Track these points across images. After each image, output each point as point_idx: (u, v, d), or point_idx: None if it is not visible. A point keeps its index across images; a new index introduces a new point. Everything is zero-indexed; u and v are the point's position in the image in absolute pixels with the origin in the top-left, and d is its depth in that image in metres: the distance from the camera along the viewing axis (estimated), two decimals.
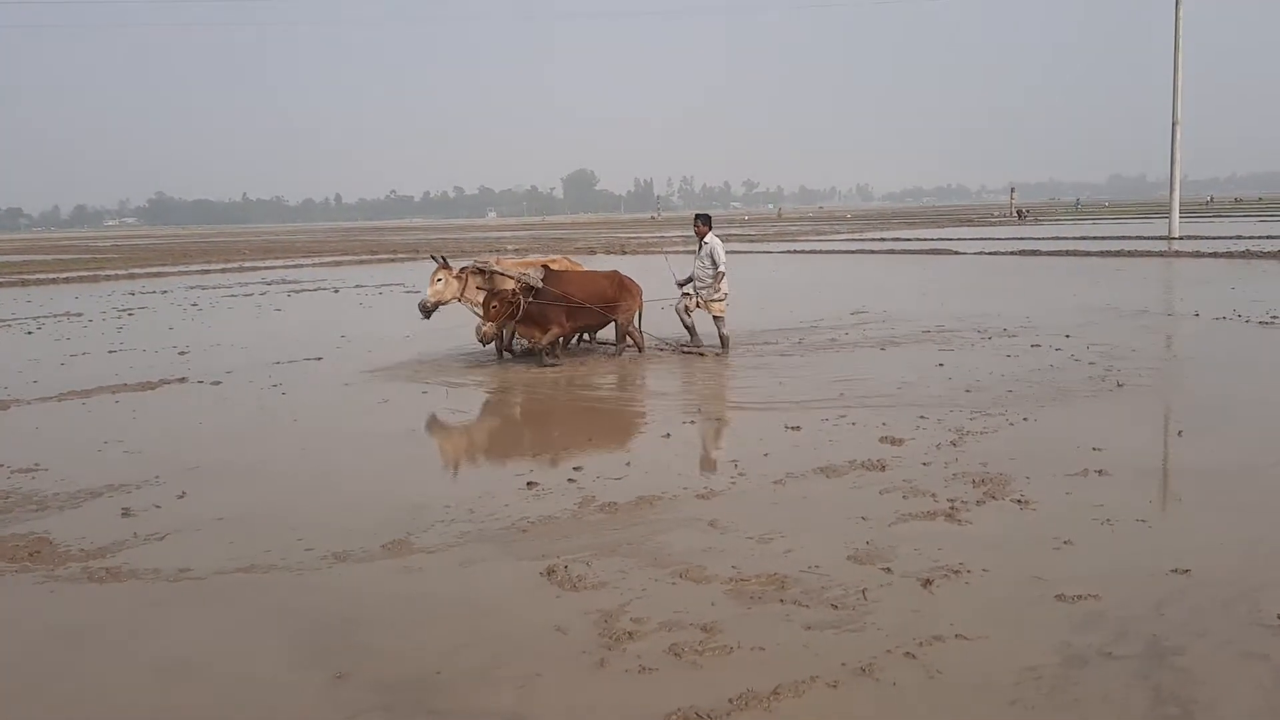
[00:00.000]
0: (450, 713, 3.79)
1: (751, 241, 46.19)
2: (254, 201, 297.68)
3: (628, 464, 7.26)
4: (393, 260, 38.89)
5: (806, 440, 7.78)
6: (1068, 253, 29.17)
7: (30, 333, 16.82)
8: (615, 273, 12.68)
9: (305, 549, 5.65)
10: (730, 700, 3.78)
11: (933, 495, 6.23)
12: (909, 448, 7.40)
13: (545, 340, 11.65)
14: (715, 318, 12.59)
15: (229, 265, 37.64)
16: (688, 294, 12.71)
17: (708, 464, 7.36)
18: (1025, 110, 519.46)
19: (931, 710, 3.71)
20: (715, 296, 12.51)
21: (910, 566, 5.07)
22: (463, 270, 12.01)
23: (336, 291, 23.99)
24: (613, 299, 12.19)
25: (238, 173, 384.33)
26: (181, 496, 6.74)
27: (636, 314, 12.50)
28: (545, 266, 12.01)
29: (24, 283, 30.02)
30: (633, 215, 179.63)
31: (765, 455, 7.35)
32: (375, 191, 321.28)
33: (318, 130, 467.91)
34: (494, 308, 11.31)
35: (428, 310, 11.95)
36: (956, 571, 4.98)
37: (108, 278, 32.56)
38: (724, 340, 12.55)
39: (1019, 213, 67.13)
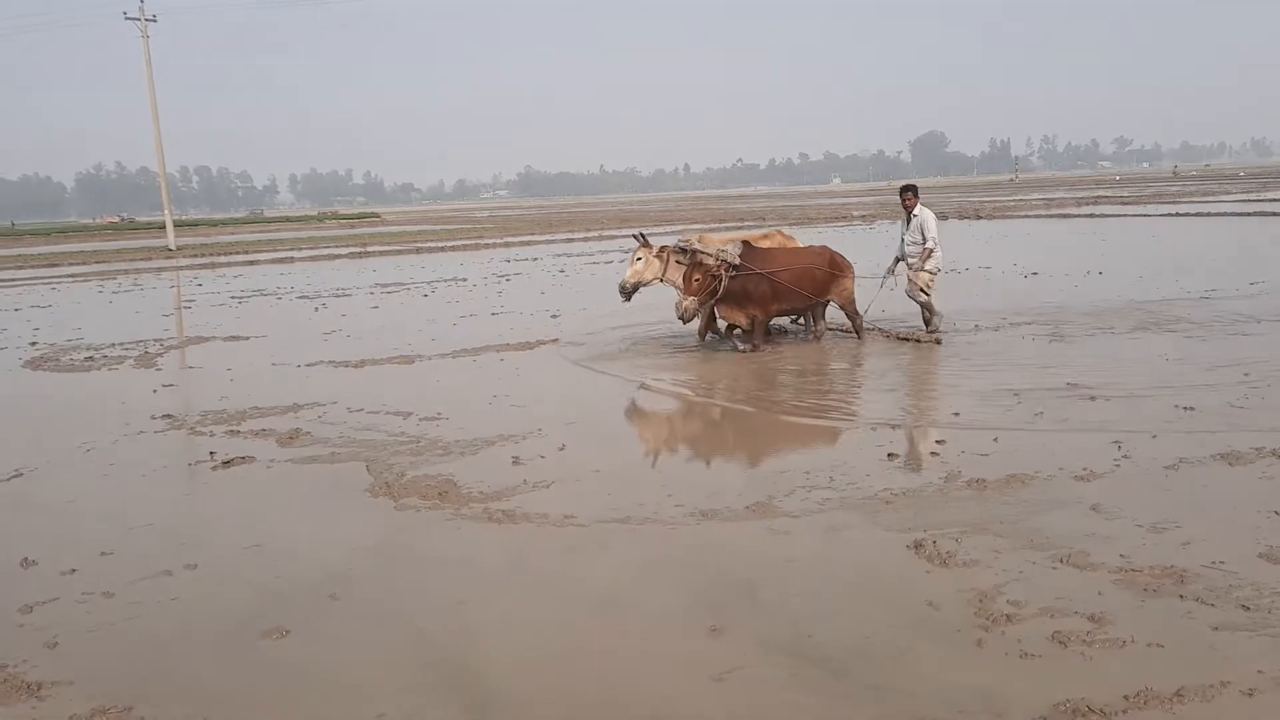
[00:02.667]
0: (824, 684, 3.81)
1: (1124, 204, 42.47)
2: (610, 173, 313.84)
3: (995, 439, 6.93)
4: (739, 227, 39.49)
5: (1202, 423, 7.05)
6: None
7: (426, 295, 18.78)
8: (826, 249, 11.71)
9: (675, 505, 5.90)
10: (1126, 698, 3.52)
11: None
12: None
13: (755, 328, 10.89)
14: (919, 288, 11.46)
15: (589, 234, 39.96)
16: (895, 273, 11.80)
17: (1084, 443, 6.84)
18: None
19: None
20: (926, 268, 11.39)
21: None
22: (663, 249, 11.19)
23: None
24: (823, 279, 11.24)
25: (596, 146, 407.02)
26: (562, 449, 7.26)
27: (853, 294, 11.52)
28: (745, 242, 11.19)
29: (418, 250, 33.70)
30: (986, 178, 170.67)
31: (1153, 437, 6.75)
32: (722, 160, 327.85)
33: (667, 103, 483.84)
34: (696, 281, 10.59)
35: (628, 292, 11.22)
36: None
37: (486, 246, 35.71)
38: (927, 320, 11.53)
39: None
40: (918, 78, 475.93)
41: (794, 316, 12.32)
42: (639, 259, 11.15)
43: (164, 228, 46.16)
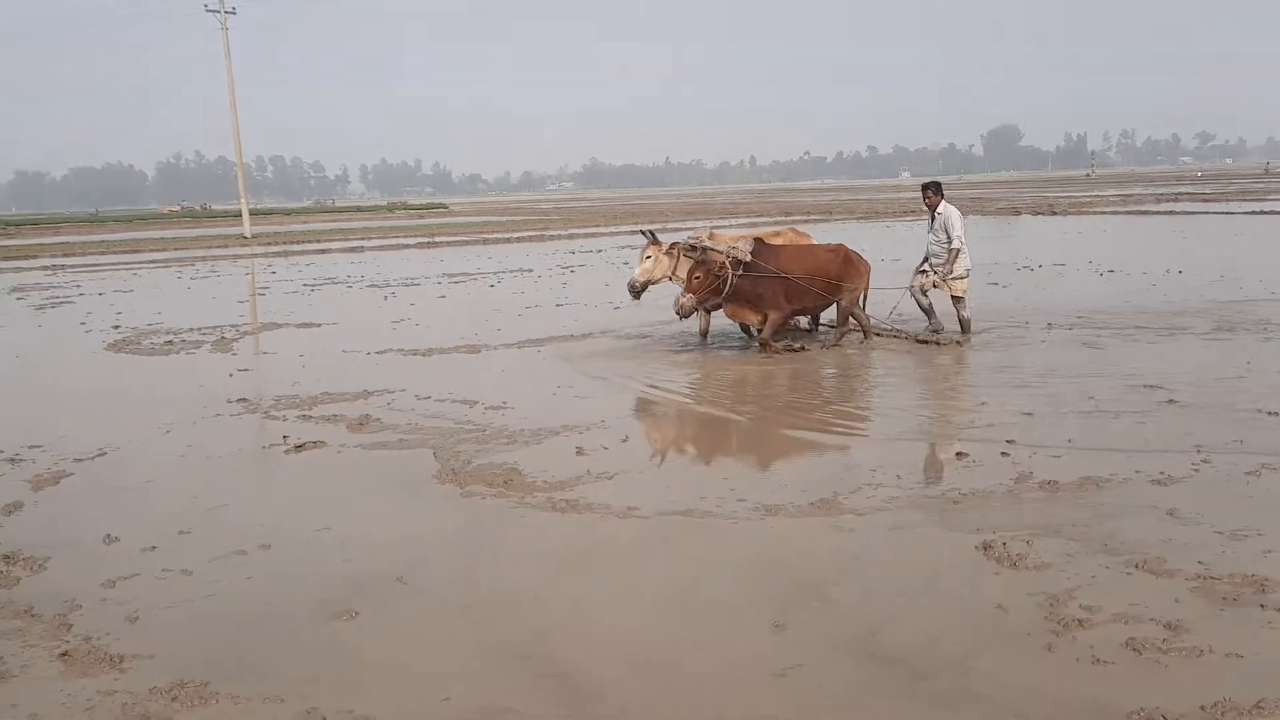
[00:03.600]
0: (888, 684, 3.78)
1: (1206, 201, 41.30)
2: (674, 165, 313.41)
3: (1069, 440, 6.80)
4: (806, 220, 39.18)
5: None
6: None
7: (492, 286, 18.96)
8: (841, 246, 11.27)
9: (738, 499, 5.89)
10: (1203, 708, 3.43)
11: None
12: None
13: (768, 329, 10.49)
14: (955, 298, 11.10)
15: (653, 225, 39.92)
16: (924, 271, 11.29)
17: (1162, 447, 6.67)
18: None
19: None
20: (955, 274, 10.99)
21: None
22: (673, 246, 10.87)
23: None
24: (836, 277, 10.76)
25: (661, 138, 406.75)
26: (625, 440, 7.29)
27: (861, 295, 11.09)
28: (757, 239, 10.83)
29: (484, 241, 34.03)
30: (1061, 172, 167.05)
31: (1238, 441, 6.56)
32: (789, 153, 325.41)
33: (733, 95, 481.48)
34: (696, 279, 10.24)
35: (637, 290, 10.93)
36: None
37: (551, 237, 35.92)
38: (964, 324, 11.14)
39: None
40: (992, 70, 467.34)
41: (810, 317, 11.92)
42: (649, 257, 10.93)
43: (240, 216, 47.20)
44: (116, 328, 14.57)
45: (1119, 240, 25.05)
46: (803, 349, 10.65)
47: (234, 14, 44.24)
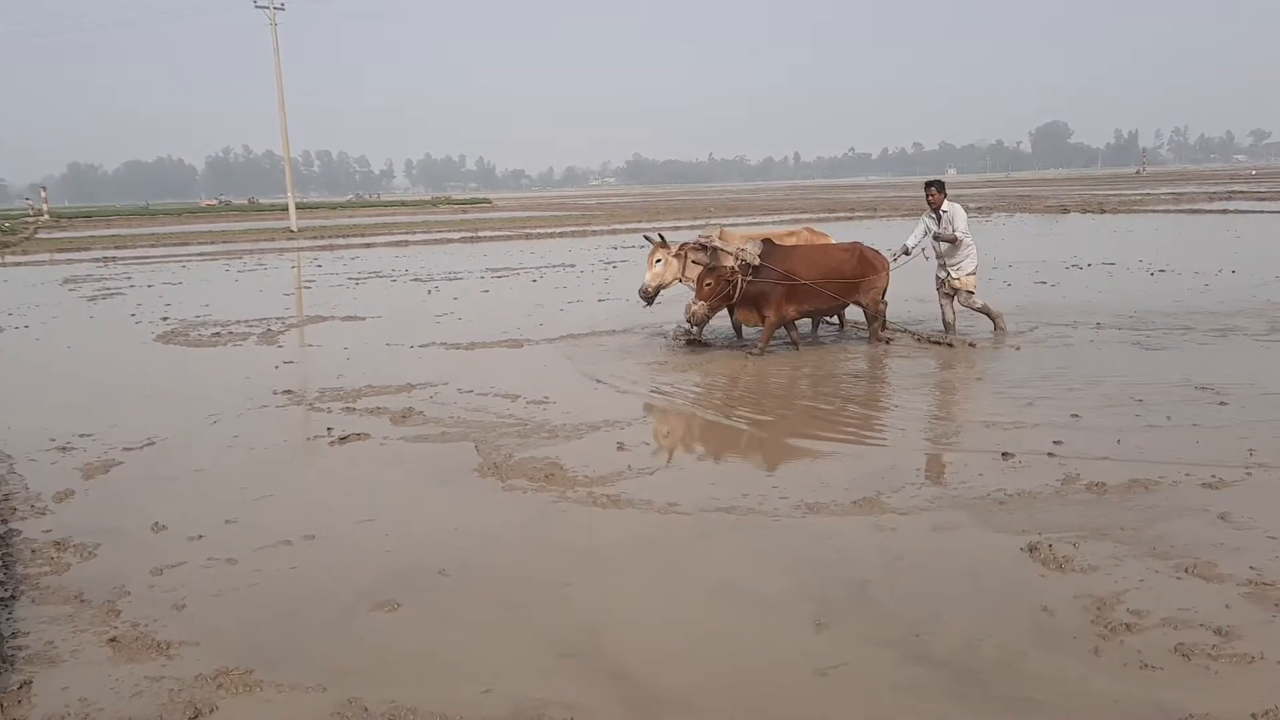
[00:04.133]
0: (931, 685, 3.74)
1: (1260, 199, 40.46)
2: (718, 161, 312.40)
3: (1117, 441, 6.69)
4: (849, 218, 38.93)
5: None
6: None
7: (534, 280, 19.02)
8: (856, 245, 10.98)
9: (780, 496, 5.86)
10: (1253, 716, 3.36)
11: None
12: None
13: (766, 330, 10.30)
14: (966, 293, 10.90)
15: (695, 222, 39.83)
16: (946, 278, 10.98)
17: (1214, 449, 6.53)
18: None
19: None
20: (967, 270, 10.82)
21: None
22: (683, 247, 10.60)
23: None
24: (852, 276, 10.47)
25: (704, 134, 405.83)
26: (666, 435, 7.27)
27: (883, 292, 10.82)
28: (767, 240, 10.55)
29: (527, 236, 34.16)
30: (1111, 170, 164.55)
31: None
32: (833, 149, 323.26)
33: (777, 91, 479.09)
34: (708, 285, 10.04)
35: (649, 296, 10.74)
36: None
37: (593, 232, 35.97)
38: (989, 313, 11.00)
39: None
40: (1040, 65, 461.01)
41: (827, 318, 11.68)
42: (658, 260, 10.72)
43: (286, 209, 47.75)
44: (165, 319, 14.81)
45: (1170, 239, 24.62)
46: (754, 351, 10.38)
47: (283, 9, 44.75)
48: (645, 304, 11.00)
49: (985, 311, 11.09)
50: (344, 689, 3.76)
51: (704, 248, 10.27)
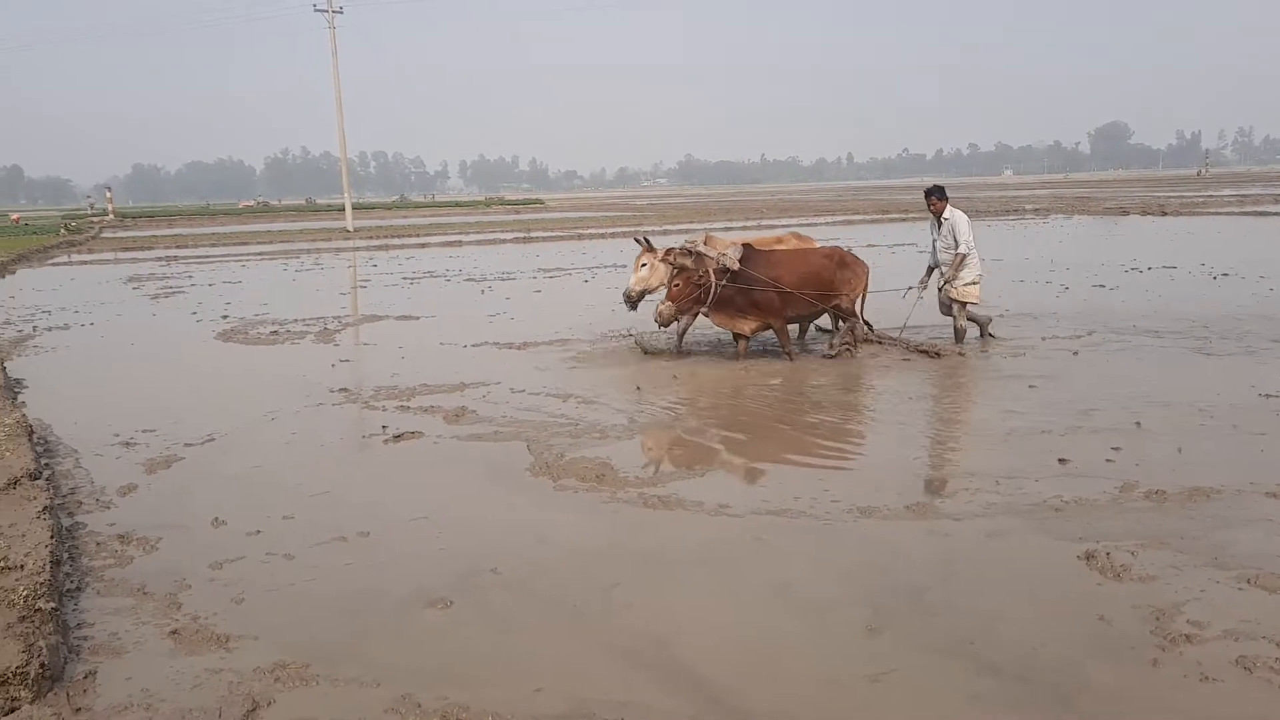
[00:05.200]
0: (985, 693, 3.70)
1: None
2: (770, 162, 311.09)
3: (1178, 449, 6.56)
4: (903, 219, 38.56)
5: None
6: None
7: (586, 281, 19.09)
8: (837, 249, 10.76)
9: (832, 500, 5.83)
10: None
11: None
12: None
13: (780, 335, 10.27)
14: (960, 304, 10.66)
15: (748, 223, 39.71)
16: (943, 286, 10.80)
17: (1277, 458, 6.39)
18: None
19: None
20: (965, 280, 10.57)
21: None
22: (669, 252, 10.35)
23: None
24: (830, 281, 10.26)
25: (757, 134, 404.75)
26: (717, 438, 7.27)
27: (860, 298, 10.58)
28: (746, 245, 10.27)
29: (579, 237, 34.28)
30: (1172, 171, 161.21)
31: None
32: (887, 150, 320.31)
33: (831, 91, 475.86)
34: (675, 287, 9.91)
35: (633, 300, 10.66)
36: None
37: (646, 233, 35.94)
38: (959, 333, 10.69)
39: None
40: (1100, 64, 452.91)
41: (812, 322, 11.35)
42: (644, 264, 10.62)
43: (342, 210, 48.42)
44: (225, 317, 15.10)
45: (1234, 242, 24.04)
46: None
47: (341, 13, 45.39)
48: (629, 308, 10.89)
49: (958, 330, 10.77)
50: (398, 685, 3.81)
51: (690, 253, 10.09)
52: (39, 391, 9.73)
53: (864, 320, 10.87)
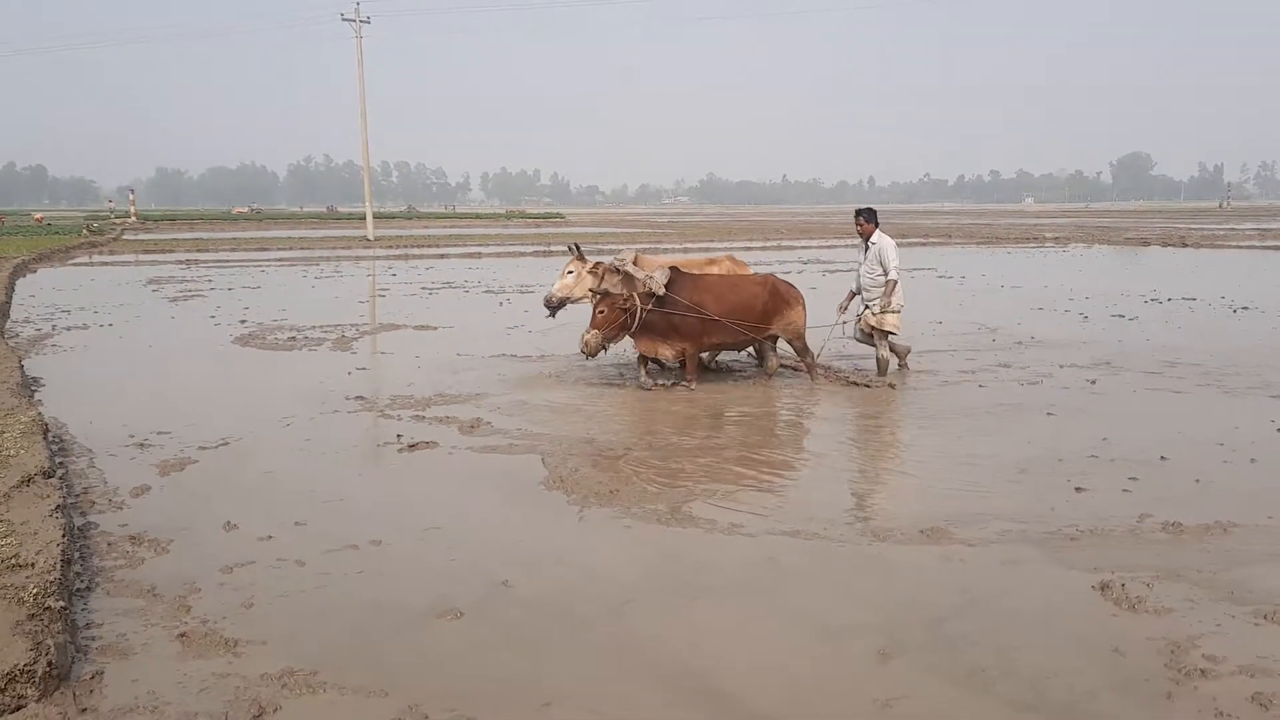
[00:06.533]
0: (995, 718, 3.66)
1: None
2: (792, 183, 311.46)
3: (1196, 480, 6.50)
4: (923, 244, 38.50)
5: None
6: None
7: None
8: (769, 277, 10.46)
9: (845, 522, 5.79)
10: None
11: None
12: None
13: (688, 363, 9.83)
14: (881, 333, 10.31)
15: (768, 244, 39.76)
16: (862, 312, 10.45)
17: None
18: None
19: None
20: (891, 308, 10.22)
21: None
22: (598, 265, 10.07)
23: None
24: (762, 312, 9.93)
25: (779, 155, 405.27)
26: (734, 456, 7.24)
27: (803, 328, 10.21)
28: (674, 268, 9.99)
29: (600, 252, 34.27)
30: (1193, 203, 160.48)
31: None
32: (908, 174, 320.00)
33: (853, 115, 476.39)
34: (601, 314, 9.53)
35: (553, 306, 10.49)
36: None
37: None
38: (881, 364, 10.30)
39: None
40: (1123, 94, 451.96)
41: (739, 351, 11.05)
42: (570, 272, 10.43)
43: (364, 218, 48.72)
44: (243, 322, 15.17)
45: (1255, 276, 23.91)
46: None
47: (368, 23, 45.77)
48: (548, 314, 10.74)
49: (880, 360, 10.35)
50: (406, 695, 3.80)
51: (618, 271, 9.81)
52: (55, 390, 9.79)
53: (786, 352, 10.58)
